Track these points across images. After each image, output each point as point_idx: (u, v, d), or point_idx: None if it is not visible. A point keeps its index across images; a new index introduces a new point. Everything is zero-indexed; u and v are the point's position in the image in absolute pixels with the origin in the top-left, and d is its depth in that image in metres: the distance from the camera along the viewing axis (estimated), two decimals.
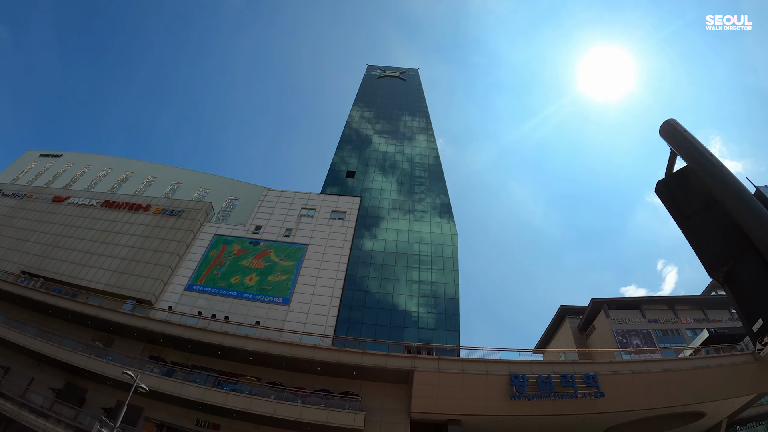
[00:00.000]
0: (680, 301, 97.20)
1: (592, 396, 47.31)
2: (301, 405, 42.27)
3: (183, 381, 43.67)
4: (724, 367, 57.20)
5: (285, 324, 53.26)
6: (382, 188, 79.80)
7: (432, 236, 70.50)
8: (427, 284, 63.52)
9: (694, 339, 74.37)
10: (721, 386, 56.12)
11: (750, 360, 59.67)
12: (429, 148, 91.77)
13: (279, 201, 71.68)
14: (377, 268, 64.64)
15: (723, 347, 61.83)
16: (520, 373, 45.96)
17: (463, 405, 44.05)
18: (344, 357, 45.50)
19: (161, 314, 52.27)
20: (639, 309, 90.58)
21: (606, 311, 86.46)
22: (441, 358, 46.39)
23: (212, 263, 61.13)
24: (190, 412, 43.86)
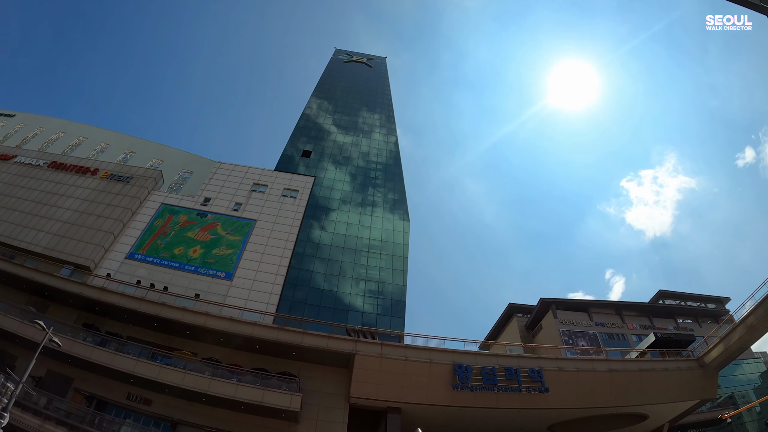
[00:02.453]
0: (628, 307, 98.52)
1: (537, 391, 46.66)
2: (236, 383, 40.58)
3: (116, 351, 41.45)
4: (669, 371, 57.65)
5: (226, 299, 51.49)
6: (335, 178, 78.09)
7: (384, 222, 69.60)
8: (375, 269, 62.47)
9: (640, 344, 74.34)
10: (665, 390, 56.52)
11: (695, 366, 59.99)
12: (389, 142, 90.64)
13: (231, 175, 69.76)
14: (325, 249, 63.25)
15: (668, 352, 61.94)
16: (465, 363, 45.11)
17: (404, 393, 42.93)
18: (284, 336, 43.80)
19: (99, 281, 49.69)
20: (587, 311, 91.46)
21: (554, 311, 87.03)
22: (384, 343, 45.33)
23: (156, 233, 58.84)
24: (121, 385, 41.66)
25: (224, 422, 40.77)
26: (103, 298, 46.14)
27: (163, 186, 67.79)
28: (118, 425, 38.72)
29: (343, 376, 44.10)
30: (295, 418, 41.02)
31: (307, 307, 55.53)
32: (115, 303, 45.62)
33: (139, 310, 45.02)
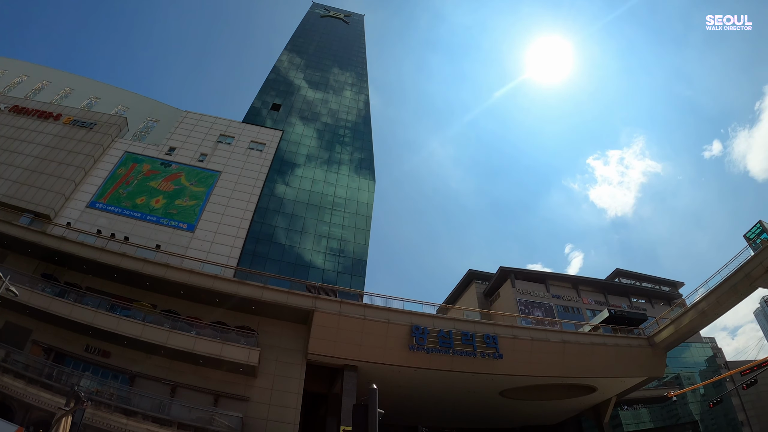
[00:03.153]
0: (585, 282, 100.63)
1: (491, 357, 47.39)
2: (195, 336, 40.36)
3: (75, 303, 40.67)
4: (620, 347, 59.07)
5: (188, 251, 51.04)
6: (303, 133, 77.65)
7: (349, 181, 69.74)
8: (338, 227, 62.61)
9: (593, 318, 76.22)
10: (614, 365, 57.98)
11: (645, 345, 61.64)
12: (359, 101, 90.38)
13: (198, 125, 68.56)
14: (289, 205, 63.12)
15: (621, 329, 63.59)
16: (422, 325, 45.62)
17: (361, 351, 43.36)
18: (244, 290, 43.59)
19: (59, 230, 48.53)
20: (544, 283, 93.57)
21: (513, 280, 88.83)
22: (343, 301, 45.31)
23: (119, 181, 57.64)
24: (80, 337, 41.12)
25: (182, 375, 40.72)
26: (62, 247, 45.11)
27: (128, 134, 66.21)
28: (77, 378, 37.80)
29: (301, 333, 44.23)
30: (253, 373, 41.17)
31: (268, 262, 55.44)
32: (75, 253, 44.65)
33: (99, 260, 44.09)
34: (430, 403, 56.28)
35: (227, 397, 40.76)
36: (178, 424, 35.98)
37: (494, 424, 72.64)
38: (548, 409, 64.84)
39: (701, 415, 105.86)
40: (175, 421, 36.21)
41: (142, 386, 39.68)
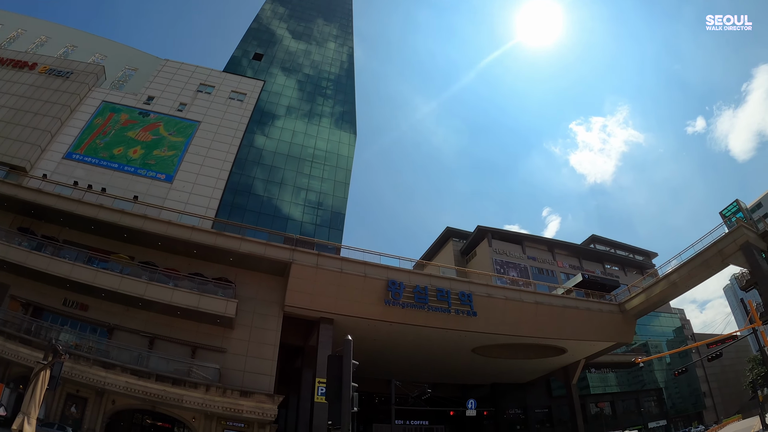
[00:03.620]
0: (560, 246, 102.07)
1: (465, 314, 47.98)
2: (172, 288, 40.30)
3: (52, 256, 40.18)
4: (591, 312, 60.19)
5: (165, 202, 50.67)
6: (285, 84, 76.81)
7: (330, 134, 69.52)
8: (317, 180, 62.62)
9: (567, 281, 77.39)
10: (585, 328, 59.05)
11: (616, 311, 62.95)
12: (343, 53, 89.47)
13: (177, 73, 67.41)
14: (269, 156, 62.86)
15: (593, 294, 64.61)
16: (398, 280, 45.94)
17: (337, 304, 43.64)
18: (222, 241, 43.39)
19: (35, 183, 47.56)
20: (521, 244, 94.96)
21: (489, 240, 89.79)
22: (321, 254, 45.38)
23: (96, 131, 56.58)
24: (58, 291, 40.72)
25: (160, 327, 40.80)
26: (38, 200, 44.21)
27: (105, 83, 64.81)
28: (56, 332, 37.83)
29: (278, 285, 44.22)
30: (230, 324, 41.32)
31: (246, 214, 55.46)
32: (51, 205, 43.80)
33: (76, 212, 43.43)
34: (404, 358, 57.20)
35: (205, 349, 40.97)
36: (156, 376, 36.14)
37: (466, 380, 74.41)
38: (519, 368, 66.14)
39: (666, 383, 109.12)
40: (154, 373, 36.37)
41: (120, 339, 39.74)
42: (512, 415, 78.06)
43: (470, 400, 52.70)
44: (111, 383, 35.01)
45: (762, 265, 52.01)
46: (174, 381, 36.60)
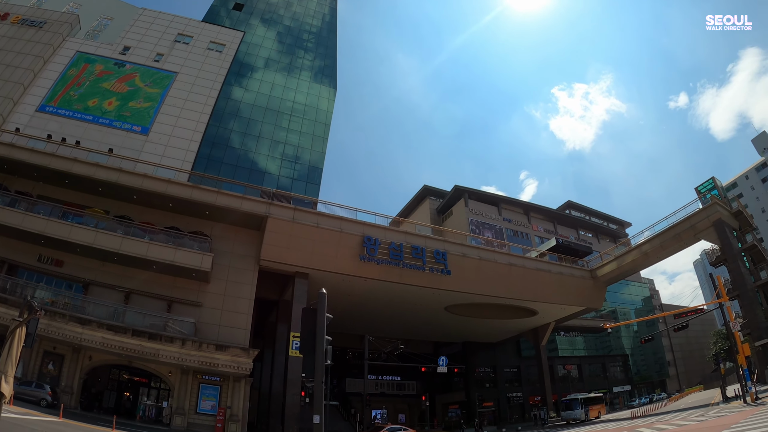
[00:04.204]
0: (536, 209, 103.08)
1: (439, 272, 48.62)
2: (148, 242, 40.02)
3: (26, 212, 39.50)
4: (563, 276, 61.39)
5: (141, 155, 49.85)
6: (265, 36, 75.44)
7: (310, 87, 68.92)
8: (295, 134, 62.31)
9: (541, 245, 78.49)
10: (556, 292, 60.43)
11: (587, 277, 64.15)
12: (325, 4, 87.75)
13: (154, 23, 65.79)
14: (247, 109, 62.22)
15: (566, 259, 65.81)
16: (374, 236, 46.29)
17: (313, 259, 43.82)
18: (198, 194, 42.96)
19: (7, 137, 46.28)
20: (497, 206, 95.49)
21: (466, 200, 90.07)
22: (297, 208, 45.23)
23: (70, 83, 55.32)
24: (32, 247, 40.19)
25: (136, 282, 40.62)
26: (11, 154, 42.93)
27: (80, 32, 62.90)
28: (31, 289, 37.69)
29: (254, 239, 44.31)
30: (205, 278, 41.32)
31: (223, 167, 55.09)
32: (25, 160, 42.63)
33: (49, 166, 42.38)
34: (378, 314, 57.89)
35: (180, 303, 41.13)
36: (132, 331, 36.15)
37: (438, 338, 75.98)
38: (490, 327, 67.48)
39: (632, 350, 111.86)
40: (130, 328, 36.39)
41: (96, 294, 39.56)
42: (482, 373, 79.36)
43: (442, 357, 53.18)
44: (87, 339, 34.94)
45: (733, 243, 53.58)
46: (150, 336, 36.71)
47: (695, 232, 55.56)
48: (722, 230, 53.47)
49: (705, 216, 54.71)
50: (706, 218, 54.39)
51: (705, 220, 54.47)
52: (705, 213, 54.97)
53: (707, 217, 54.36)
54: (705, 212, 55.07)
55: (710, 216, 54.20)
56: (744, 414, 28.11)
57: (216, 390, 40.00)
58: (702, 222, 54.71)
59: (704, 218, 54.64)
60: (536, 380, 76.81)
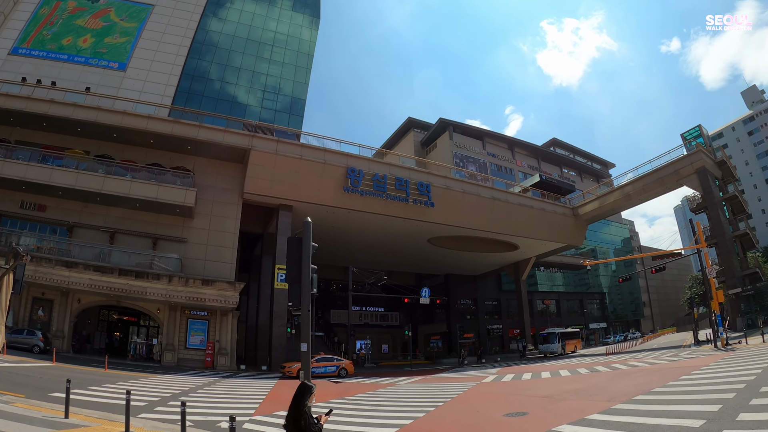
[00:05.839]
0: (521, 145, 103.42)
1: (423, 204, 49.29)
2: (130, 180, 39.87)
3: (4, 158, 38.90)
4: (546, 212, 62.41)
5: (119, 92, 49.25)
6: None
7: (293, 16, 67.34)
8: (277, 65, 61.51)
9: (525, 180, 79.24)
10: (538, 228, 61.64)
11: (569, 214, 65.25)
12: None
13: None
14: (228, 41, 60.88)
15: (548, 195, 66.64)
16: (357, 167, 46.56)
17: (297, 191, 44.15)
18: (179, 129, 42.55)
19: None
20: (481, 140, 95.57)
21: (451, 133, 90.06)
22: (280, 140, 45.13)
23: (42, 22, 53.97)
24: (14, 194, 39.86)
25: (120, 221, 40.84)
26: None
27: None
28: (16, 237, 37.56)
29: (237, 172, 44.28)
30: (189, 214, 41.57)
31: (204, 101, 54.53)
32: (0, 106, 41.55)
33: (26, 110, 41.41)
34: (362, 246, 58.61)
35: (165, 240, 41.46)
36: (119, 271, 36.56)
37: (421, 270, 77.65)
38: (472, 260, 68.88)
39: (609, 288, 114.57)
40: (116, 267, 36.80)
41: (80, 236, 39.82)
42: (463, 305, 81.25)
43: (424, 289, 54.66)
44: (75, 282, 35.32)
45: (714, 191, 55.01)
46: (137, 274, 37.18)
47: (678, 177, 56.74)
48: (705, 178, 54.68)
49: (689, 163, 55.81)
50: (690, 165, 55.50)
51: (689, 166, 55.58)
52: (689, 160, 56.06)
53: (691, 164, 55.48)
54: (689, 159, 56.15)
55: (694, 163, 55.31)
56: (714, 357, 28.97)
57: (204, 325, 40.81)
58: (685, 168, 55.88)
59: (688, 165, 55.75)
60: (516, 313, 78.96)
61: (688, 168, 55.63)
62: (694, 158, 55.79)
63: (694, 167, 55.16)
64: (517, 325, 78.35)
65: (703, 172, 54.79)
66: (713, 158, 59.40)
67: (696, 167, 55.10)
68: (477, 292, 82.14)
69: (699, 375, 20.53)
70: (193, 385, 25.30)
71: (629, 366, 30.79)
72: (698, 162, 55.17)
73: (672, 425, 10.85)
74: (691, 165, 55.49)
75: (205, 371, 36.23)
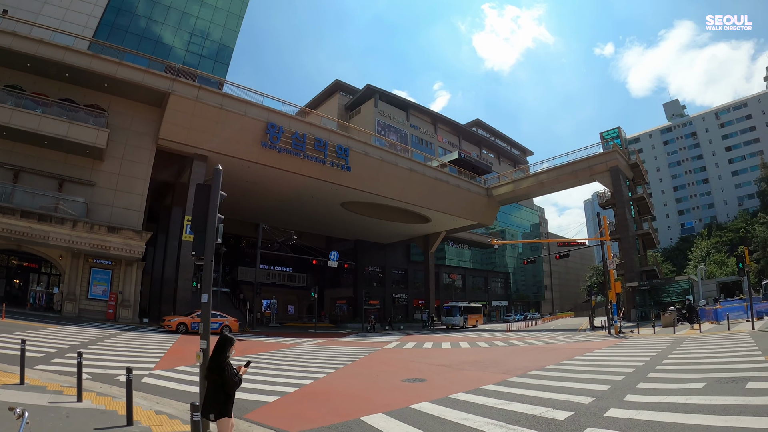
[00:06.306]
0: (444, 121, 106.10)
1: (340, 167, 50.15)
2: (40, 114, 37.89)
3: None
4: (461, 189, 64.55)
5: (39, 18, 46.58)
6: None
7: None
8: (209, 8, 59.71)
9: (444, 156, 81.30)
10: (452, 203, 64.01)
11: (483, 194, 67.82)
12: None
13: None
14: None
15: (465, 173, 68.70)
16: (278, 123, 46.41)
17: (213, 142, 43.41)
18: (98, 64, 40.58)
19: None
20: (406, 111, 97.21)
21: (376, 100, 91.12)
22: (202, 87, 43.95)
23: None
24: None
25: (26, 159, 38.85)
26: None
27: None
28: None
29: (154, 116, 43.04)
30: (100, 156, 40.16)
31: (127, 37, 52.56)
32: None
33: None
34: (275, 204, 58.55)
35: (73, 182, 39.99)
36: (21, 212, 35.14)
37: (332, 233, 78.71)
38: (384, 229, 70.46)
39: (514, 269, 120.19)
40: (19, 209, 35.29)
41: None
42: (371, 272, 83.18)
43: (333, 252, 55.61)
44: None
45: (624, 190, 59.06)
46: (40, 217, 35.90)
47: (592, 172, 60.50)
48: (617, 177, 58.64)
49: (604, 160, 59.64)
50: (605, 163, 59.33)
51: (603, 164, 59.40)
52: (604, 158, 59.89)
53: (605, 162, 59.29)
54: (604, 157, 59.99)
55: (608, 161, 59.15)
56: (606, 342, 31.12)
57: (107, 274, 40.31)
58: (600, 165, 59.76)
59: (602, 162, 59.55)
60: (422, 284, 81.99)
61: (602, 165, 59.36)
62: (609, 157, 59.47)
63: (608, 165, 58.88)
64: (422, 295, 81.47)
65: (616, 171, 58.62)
66: (627, 160, 63.37)
67: (610, 165, 58.87)
68: (386, 261, 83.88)
69: (592, 357, 22.16)
70: (94, 337, 25.39)
71: (526, 343, 33.07)
72: (612, 161, 58.90)
73: (563, 400, 11.80)
74: (606, 163, 59.21)
75: (106, 323, 35.98)
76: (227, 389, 6.83)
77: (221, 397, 6.81)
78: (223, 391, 6.82)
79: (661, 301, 53.91)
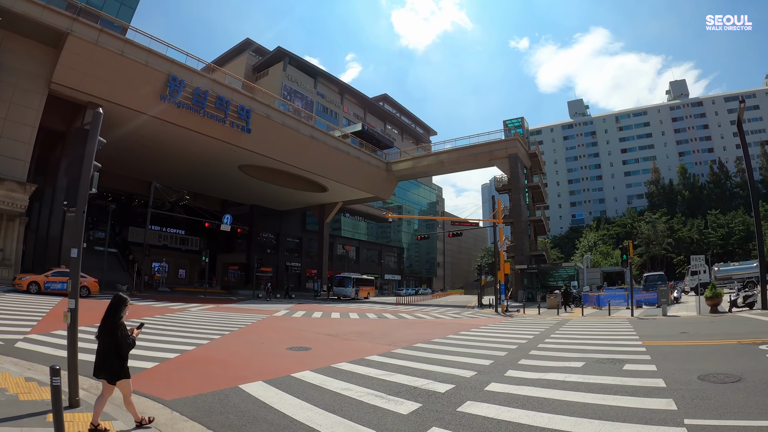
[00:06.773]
0: (352, 92, 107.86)
1: (240, 129, 49.97)
2: None
3: None
4: (361, 161, 65.98)
5: None
6: None
7: None
8: None
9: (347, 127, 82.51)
10: (351, 175, 65.45)
11: (382, 168, 69.75)
12: None
13: None
14: None
15: (367, 146, 70.32)
16: (180, 77, 45.21)
17: (110, 90, 41.29)
18: None
19: None
20: (315, 78, 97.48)
21: (285, 64, 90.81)
22: (104, 30, 41.30)
23: None
24: None
25: None
26: None
27: None
28: None
29: (49, 58, 40.28)
30: None
31: None
32: None
33: None
34: (170, 162, 57.22)
35: None
36: None
37: (227, 197, 78.08)
38: (280, 195, 70.93)
39: (408, 245, 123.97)
40: None
41: None
42: (265, 238, 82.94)
43: (227, 215, 55.03)
44: None
45: (521, 177, 62.75)
46: None
47: (491, 157, 63.69)
48: (515, 164, 62.08)
49: (504, 146, 63.07)
50: (505, 149, 62.73)
51: (503, 150, 62.77)
52: (505, 144, 63.34)
53: (506, 148, 62.72)
54: (505, 143, 63.42)
55: (509, 148, 62.58)
56: (492, 320, 32.75)
57: None
58: (500, 151, 63.11)
59: (503, 148, 62.96)
60: (316, 254, 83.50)
61: (503, 151, 62.73)
62: (509, 144, 62.89)
63: (508, 152, 62.30)
64: (315, 265, 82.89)
65: (515, 158, 62.08)
66: (527, 149, 67.11)
67: (509, 152, 62.28)
68: (280, 228, 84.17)
69: (477, 333, 23.32)
70: None
71: (415, 317, 34.80)
72: (513, 148, 62.34)
73: (446, 373, 12.17)
74: (506, 149, 62.63)
75: None
76: (120, 351, 6.89)
77: (115, 360, 6.84)
78: (117, 353, 6.86)
79: (548, 284, 57.52)
